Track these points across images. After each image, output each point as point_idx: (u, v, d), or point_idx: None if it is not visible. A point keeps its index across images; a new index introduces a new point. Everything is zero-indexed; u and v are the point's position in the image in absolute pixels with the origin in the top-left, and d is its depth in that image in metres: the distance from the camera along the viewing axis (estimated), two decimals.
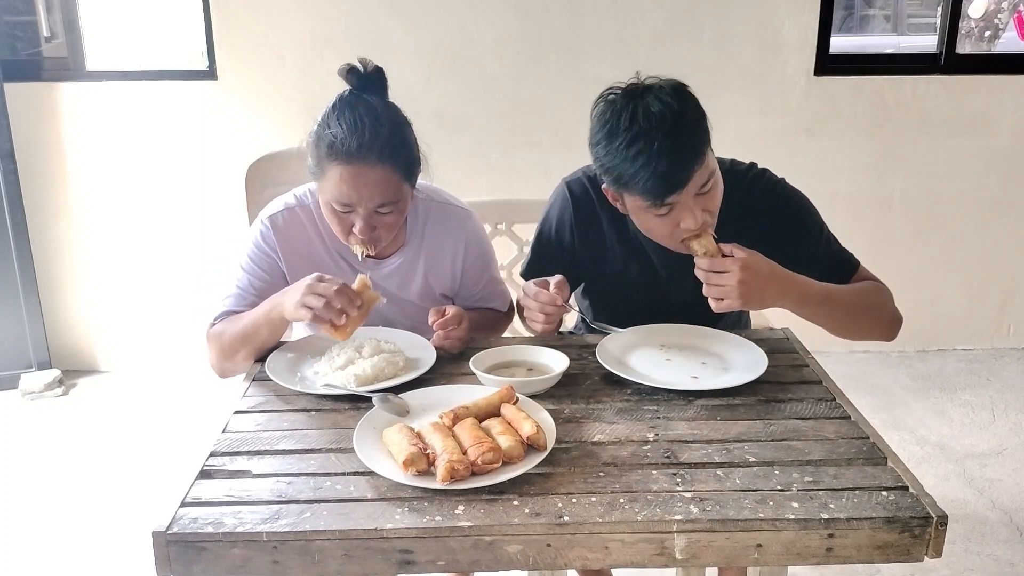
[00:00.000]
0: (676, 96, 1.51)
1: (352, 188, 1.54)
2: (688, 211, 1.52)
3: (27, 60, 3.48)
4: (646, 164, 1.47)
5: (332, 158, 1.54)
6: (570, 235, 1.78)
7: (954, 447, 2.98)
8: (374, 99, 1.57)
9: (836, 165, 3.52)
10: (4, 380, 3.41)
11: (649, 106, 1.48)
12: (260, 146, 2.48)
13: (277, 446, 1.31)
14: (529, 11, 3.32)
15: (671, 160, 1.47)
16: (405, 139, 1.59)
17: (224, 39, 3.30)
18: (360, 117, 1.53)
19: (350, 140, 1.51)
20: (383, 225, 1.60)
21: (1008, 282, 3.72)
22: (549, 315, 1.58)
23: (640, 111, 1.48)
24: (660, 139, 1.46)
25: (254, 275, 1.71)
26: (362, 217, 1.56)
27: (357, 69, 1.57)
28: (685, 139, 1.48)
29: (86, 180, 3.44)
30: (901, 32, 6.15)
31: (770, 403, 1.43)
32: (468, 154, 3.39)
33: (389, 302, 1.76)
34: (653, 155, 1.46)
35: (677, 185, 1.49)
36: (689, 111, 1.51)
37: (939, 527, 1.12)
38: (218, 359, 1.65)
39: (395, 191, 1.57)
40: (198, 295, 3.47)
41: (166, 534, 1.10)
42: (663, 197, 1.50)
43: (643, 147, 1.46)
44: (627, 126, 1.48)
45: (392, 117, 1.58)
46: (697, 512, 1.13)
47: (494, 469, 1.19)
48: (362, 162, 1.52)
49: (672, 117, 1.47)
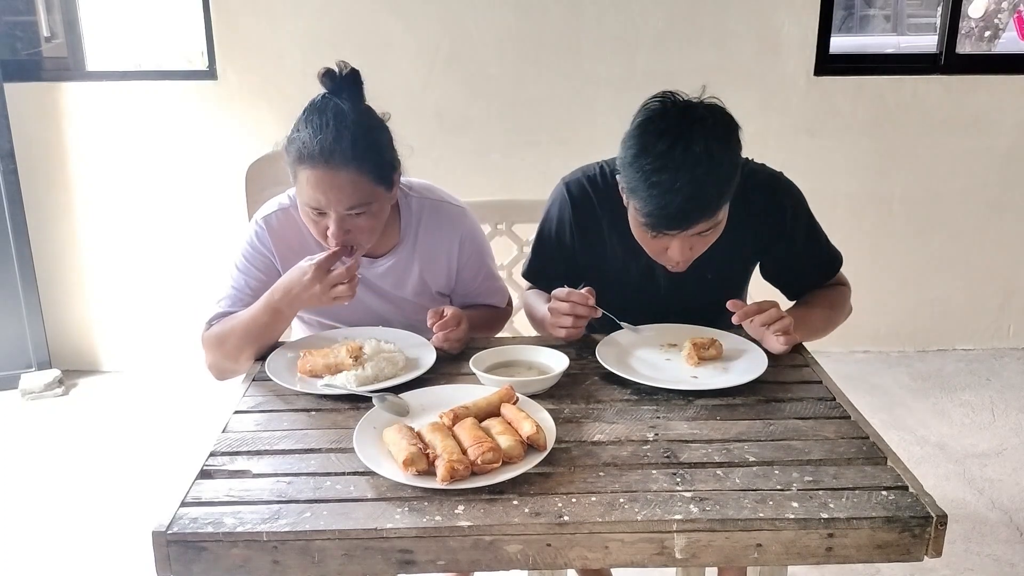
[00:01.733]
0: (722, 143, 1.47)
1: (319, 192, 1.53)
2: (678, 245, 1.54)
3: (27, 60, 3.48)
4: (659, 196, 1.46)
5: (300, 162, 1.54)
6: (570, 235, 1.78)
7: (954, 447, 2.98)
8: (345, 103, 1.55)
9: (836, 165, 3.52)
10: (4, 380, 3.41)
11: (692, 143, 1.44)
12: (260, 146, 2.48)
13: (277, 446, 1.31)
14: (529, 11, 3.32)
15: (682, 207, 1.46)
16: (375, 142, 1.58)
17: (224, 39, 3.30)
18: (327, 121, 1.52)
19: (314, 144, 1.51)
20: (357, 228, 1.58)
21: (1008, 282, 3.72)
22: (580, 316, 1.58)
23: (681, 144, 1.44)
24: (685, 183, 1.43)
25: (250, 275, 1.71)
26: (334, 220, 1.55)
27: (332, 72, 1.57)
28: (707, 192, 1.46)
29: (86, 180, 3.44)
30: (901, 32, 6.15)
31: (770, 403, 1.44)
32: (468, 154, 3.39)
33: (385, 300, 1.77)
34: (669, 192, 1.45)
35: (676, 227, 1.50)
36: (726, 164, 1.48)
37: (939, 527, 1.12)
38: (217, 360, 1.64)
39: (365, 194, 1.56)
40: (198, 295, 3.47)
41: (166, 534, 1.10)
42: (658, 231, 1.51)
43: (665, 181, 1.44)
44: (662, 151, 1.45)
45: (361, 120, 1.56)
46: (697, 512, 1.13)
47: (494, 469, 1.19)
48: (327, 166, 1.52)
49: (706, 166, 1.44)
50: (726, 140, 1.49)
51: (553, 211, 1.80)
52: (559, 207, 1.78)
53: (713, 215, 1.50)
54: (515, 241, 2.33)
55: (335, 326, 1.77)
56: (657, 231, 1.51)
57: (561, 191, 1.78)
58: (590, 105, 3.35)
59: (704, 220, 1.49)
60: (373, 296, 1.77)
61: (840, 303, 1.76)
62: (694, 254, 1.58)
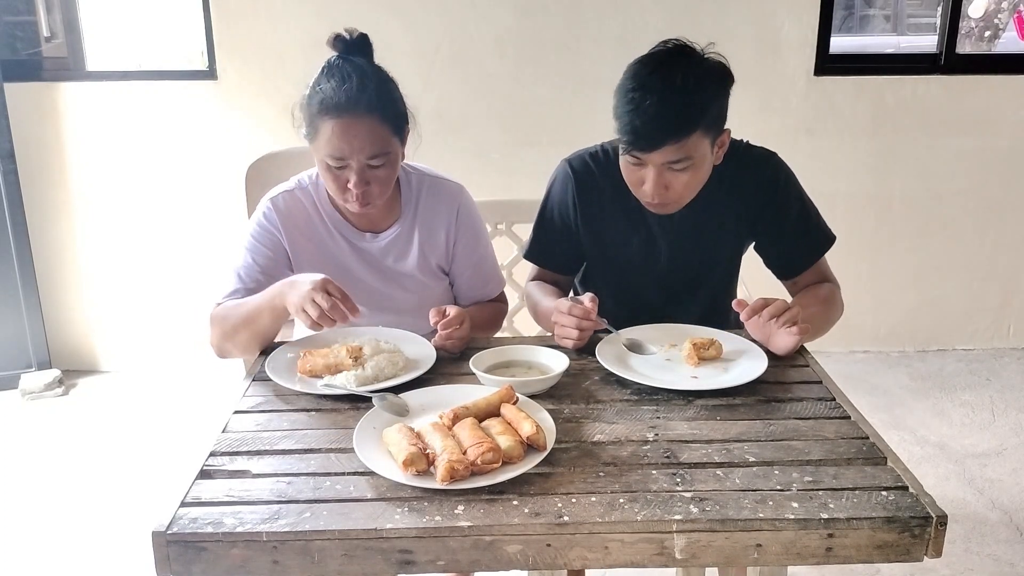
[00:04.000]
0: (701, 77, 1.56)
1: (343, 140, 1.61)
2: (651, 177, 1.60)
3: (27, 60, 3.48)
4: (630, 113, 1.55)
5: (323, 114, 1.61)
6: (573, 210, 1.82)
7: (954, 447, 2.98)
8: (360, 60, 1.66)
9: (836, 165, 3.52)
10: (4, 380, 3.41)
11: (672, 70, 1.55)
12: (260, 146, 2.48)
13: (277, 446, 1.31)
14: (529, 11, 3.32)
15: (649, 123, 1.54)
16: (391, 93, 1.68)
17: (224, 39, 3.30)
18: (348, 74, 1.62)
19: (339, 94, 1.60)
20: (376, 180, 1.66)
21: (1008, 282, 3.72)
22: (584, 331, 1.60)
23: (662, 70, 1.56)
24: (654, 100, 1.53)
25: (258, 253, 1.77)
26: (355, 171, 1.63)
27: (343, 36, 1.68)
28: (674, 114, 1.54)
29: (86, 180, 3.44)
30: (901, 32, 6.15)
31: (770, 403, 1.44)
32: (468, 154, 3.39)
33: (388, 279, 1.81)
34: (640, 108, 1.54)
35: (644, 145, 1.57)
36: (699, 95, 1.55)
37: (939, 527, 1.12)
38: (219, 339, 1.69)
39: (385, 143, 1.64)
40: (198, 295, 3.47)
41: (166, 534, 1.10)
42: (629, 147, 1.59)
43: (638, 99, 1.54)
44: (644, 74, 1.57)
45: (378, 74, 1.67)
46: (697, 512, 1.13)
47: (494, 469, 1.19)
48: (351, 114, 1.60)
49: (679, 91, 1.53)
50: (707, 77, 1.57)
51: (555, 188, 1.85)
52: (561, 183, 1.83)
53: (678, 138, 1.55)
54: (515, 241, 2.33)
55: None
56: (628, 150, 1.59)
57: (563, 167, 1.84)
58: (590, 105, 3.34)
59: (670, 141, 1.55)
60: (376, 276, 1.81)
61: (832, 299, 1.77)
62: (672, 195, 1.63)
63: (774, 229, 1.79)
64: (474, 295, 1.92)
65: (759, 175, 1.76)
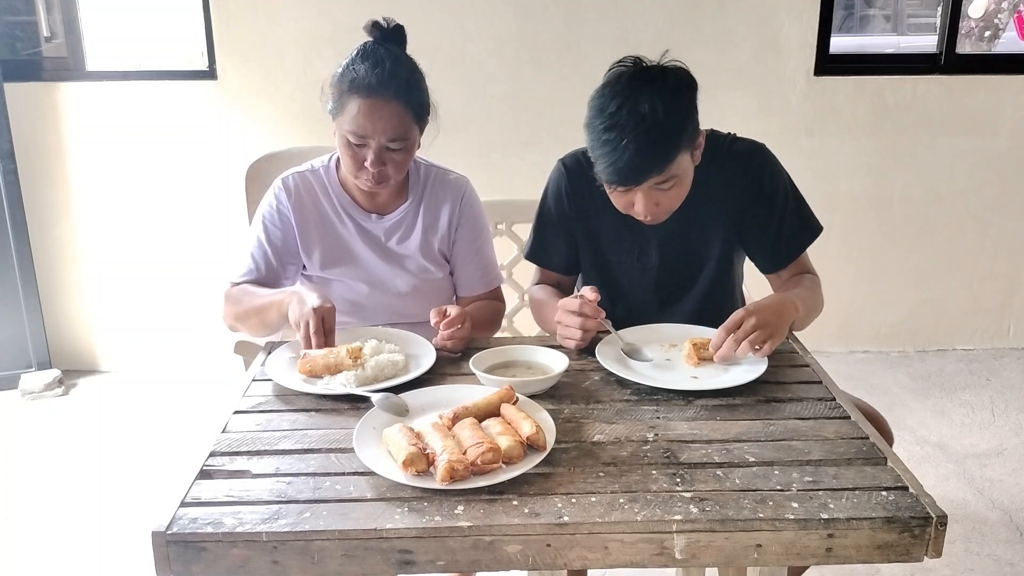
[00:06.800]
0: (668, 101, 1.55)
1: (368, 120, 1.67)
2: (640, 200, 1.62)
3: (27, 60, 3.48)
4: (608, 154, 1.56)
5: (353, 91, 1.68)
6: (568, 205, 1.84)
7: (954, 447, 2.98)
8: (394, 47, 1.75)
9: (836, 165, 3.51)
10: (4, 380, 3.41)
11: (638, 104, 1.54)
12: (260, 146, 2.48)
13: (277, 446, 1.31)
14: (529, 11, 3.32)
15: (630, 163, 1.55)
16: (419, 83, 1.75)
17: (224, 39, 3.30)
18: (381, 58, 1.70)
19: (371, 76, 1.67)
20: (392, 162, 1.72)
21: (1008, 282, 3.72)
22: (588, 331, 1.60)
23: (628, 105, 1.55)
24: (630, 139, 1.53)
25: (269, 232, 1.85)
26: (374, 150, 1.69)
27: (380, 24, 1.76)
28: (652, 148, 1.55)
29: (86, 180, 3.44)
30: (901, 32, 6.15)
31: (770, 403, 1.44)
32: (468, 154, 3.38)
33: (391, 260, 1.86)
34: (618, 150, 1.54)
35: (627, 182, 1.59)
36: (672, 121, 1.55)
37: (939, 527, 1.12)
38: (231, 318, 1.81)
39: (406, 128, 1.71)
40: (198, 295, 3.48)
41: (166, 534, 1.10)
42: (614, 186, 1.61)
43: (613, 139, 1.55)
44: (612, 111, 1.56)
45: (409, 63, 1.76)
46: (697, 512, 1.13)
47: (494, 469, 1.19)
48: (379, 96, 1.67)
49: (650, 123, 1.53)
50: (674, 99, 1.57)
51: (551, 187, 1.88)
52: (556, 181, 1.87)
53: (661, 169, 1.57)
54: (515, 241, 2.33)
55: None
56: (612, 186, 1.62)
57: (558, 167, 1.87)
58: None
59: (654, 174, 1.57)
60: (379, 255, 1.86)
61: (813, 288, 1.77)
62: (663, 209, 1.65)
63: (761, 221, 1.79)
64: (473, 286, 1.94)
65: (746, 169, 1.77)
